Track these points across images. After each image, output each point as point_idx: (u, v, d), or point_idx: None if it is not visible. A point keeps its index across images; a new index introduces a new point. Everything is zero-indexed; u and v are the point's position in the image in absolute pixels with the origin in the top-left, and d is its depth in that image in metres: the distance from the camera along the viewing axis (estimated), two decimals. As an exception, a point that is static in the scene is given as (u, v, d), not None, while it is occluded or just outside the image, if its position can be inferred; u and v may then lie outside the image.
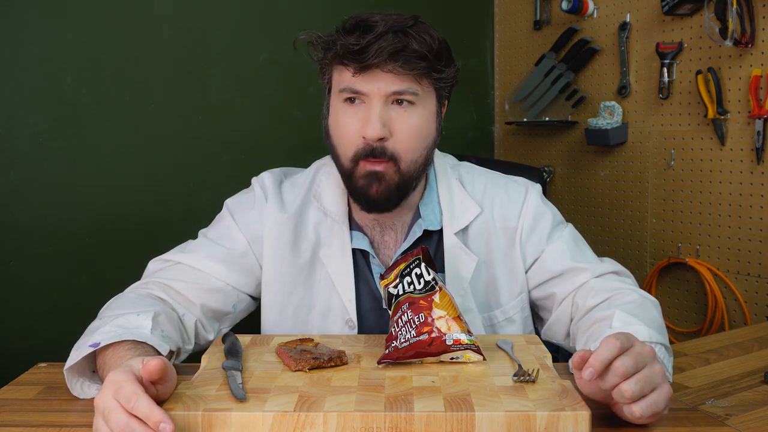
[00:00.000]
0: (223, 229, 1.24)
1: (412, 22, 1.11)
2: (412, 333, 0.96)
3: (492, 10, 2.75)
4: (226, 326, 1.23)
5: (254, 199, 1.25)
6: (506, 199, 1.27)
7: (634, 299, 1.12)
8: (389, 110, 1.12)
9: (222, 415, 0.80)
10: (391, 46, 1.07)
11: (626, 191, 2.30)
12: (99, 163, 1.97)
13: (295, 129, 2.28)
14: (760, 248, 1.92)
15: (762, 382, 1.04)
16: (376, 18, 1.10)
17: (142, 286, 1.17)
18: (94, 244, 1.96)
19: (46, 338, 1.89)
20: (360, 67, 1.09)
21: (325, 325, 1.22)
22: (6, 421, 0.90)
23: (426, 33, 1.11)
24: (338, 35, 1.11)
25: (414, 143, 1.14)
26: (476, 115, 2.75)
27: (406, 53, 1.09)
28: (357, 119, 1.12)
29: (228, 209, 1.26)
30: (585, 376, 0.81)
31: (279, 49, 2.23)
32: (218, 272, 1.19)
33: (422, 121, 1.14)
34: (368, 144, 1.11)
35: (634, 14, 2.21)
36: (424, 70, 1.11)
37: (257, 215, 1.23)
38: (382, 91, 1.10)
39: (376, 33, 1.08)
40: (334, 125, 1.16)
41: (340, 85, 1.13)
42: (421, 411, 0.80)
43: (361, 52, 1.08)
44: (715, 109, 1.97)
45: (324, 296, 1.21)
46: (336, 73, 1.15)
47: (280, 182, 1.28)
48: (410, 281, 1.01)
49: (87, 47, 1.93)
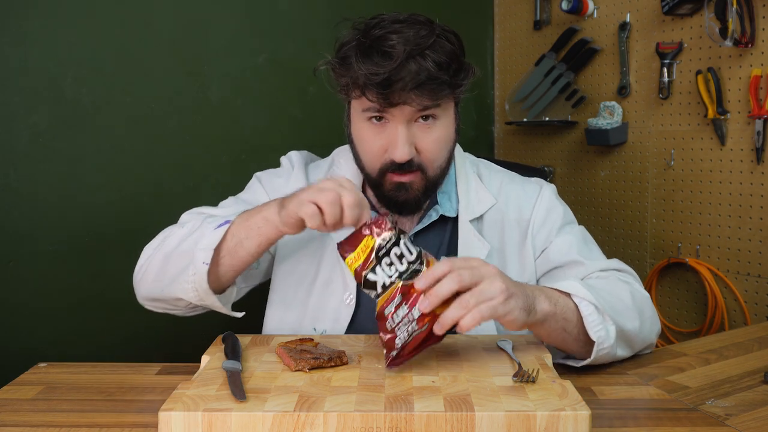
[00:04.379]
0: (251, 193, 1.31)
1: (430, 40, 1.09)
2: (413, 326, 0.92)
3: (492, 10, 2.75)
4: (247, 284, 1.28)
5: (282, 170, 1.33)
6: (522, 194, 1.31)
7: (615, 279, 1.17)
8: (414, 128, 1.14)
9: (222, 415, 0.80)
10: (415, 80, 1.07)
11: (626, 191, 2.30)
12: (99, 163, 1.97)
13: (295, 129, 2.28)
14: (760, 248, 1.92)
15: (762, 382, 1.04)
16: (393, 40, 1.08)
17: (178, 228, 1.20)
18: (94, 244, 1.96)
19: (46, 338, 1.89)
20: (386, 103, 1.09)
21: (323, 297, 1.24)
22: (6, 421, 0.90)
23: (444, 51, 1.10)
24: (357, 63, 1.09)
25: (439, 153, 1.18)
26: (476, 115, 2.75)
27: (431, 84, 1.09)
28: (382, 138, 1.15)
29: (257, 178, 1.34)
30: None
31: (279, 49, 2.23)
32: None
33: (445, 131, 1.18)
34: (394, 162, 1.14)
35: (634, 14, 2.21)
36: (447, 95, 1.14)
37: (285, 183, 1.29)
38: (406, 114, 1.12)
39: (396, 60, 1.06)
40: (357, 138, 1.20)
41: (362, 105, 1.14)
42: (421, 411, 0.80)
43: (384, 85, 1.07)
44: (715, 109, 1.97)
45: (327, 269, 1.25)
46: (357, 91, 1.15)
47: (307, 161, 1.35)
48: (390, 262, 0.94)
49: (87, 47, 1.93)
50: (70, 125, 1.92)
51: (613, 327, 1.04)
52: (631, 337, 1.10)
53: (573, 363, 1.09)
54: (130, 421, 0.90)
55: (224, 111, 2.16)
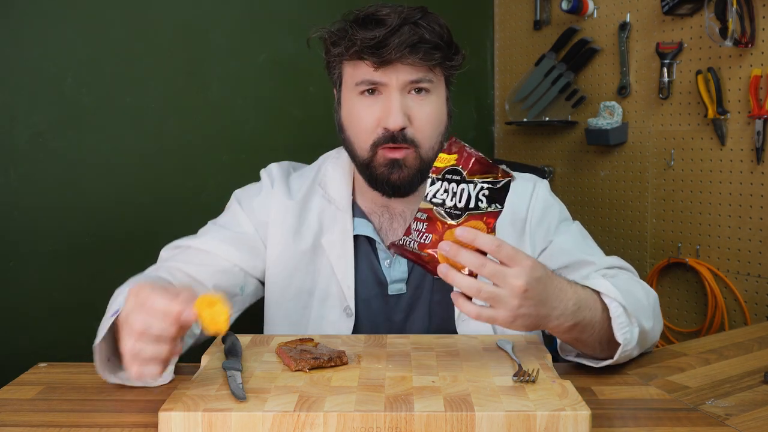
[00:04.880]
0: (230, 216, 1.28)
1: (421, 14, 1.14)
2: (418, 243, 0.93)
3: (492, 10, 2.75)
4: (235, 310, 1.24)
5: (261, 187, 1.29)
6: (514, 191, 1.28)
7: (627, 278, 1.16)
8: (407, 99, 1.16)
9: (222, 415, 0.80)
10: (410, 40, 1.11)
11: (626, 191, 2.30)
12: (99, 163, 1.96)
13: (295, 129, 2.28)
14: (760, 248, 1.92)
15: (762, 382, 1.04)
16: (386, 11, 1.13)
17: (154, 271, 1.21)
18: (94, 244, 1.96)
19: (46, 338, 1.89)
20: (380, 62, 1.12)
21: (323, 311, 1.23)
22: (6, 421, 0.90)
23: (436, 23, 1.15)
24: (352, 30, 1.13)
25: (432, 129, 1.18)
26: (476, 115, 2.75)
27: (424, 45, 1.12)
28: (375, 110, 1.16)
29: (235, 198, 1.30)
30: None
31: (279, 49, 2.23)
32: (226, 252, 1.22)
33: (437, 108, 1.19)
34: (388, 131, 1.15)
35: (634, 14, 2.21)
36: (439, 60, 1.16)
37: (263, 202, 1.27)
38: (401, 82, 1.14)
39: (390, 26, 1.11)
40: (348, 117, 1.20)
41: (356, 79, 1.16)
42: (421, 411, 0.80)
43: (379, 46, 1.11)
44: (715, 109, 1.97)
45: (324, 282, 1.24)
46: (349, 67, 1.18)
47: (288, 172, 1.32)
48: (446, 189, 0.92)
49: (87, 47, 1.93)
50: (70, 125, 1.92)
51: (637, 329, 1.03)
52: (646, 337, 1.09)
53: (592, 363, 1.06)
54: (130, 421, 0.90)
55: (224, 111, 2.16)
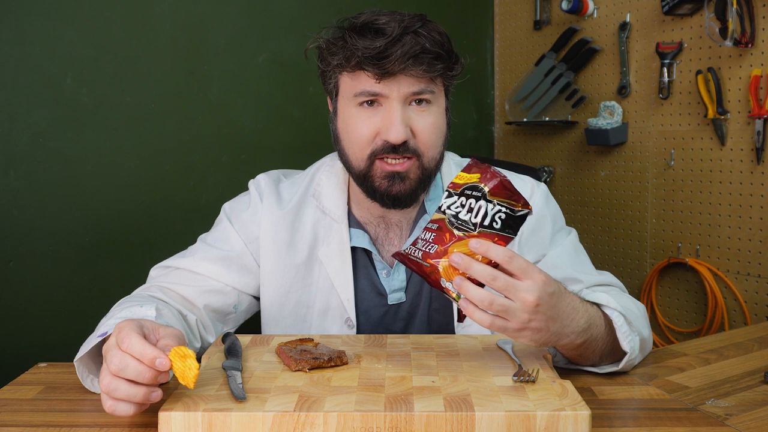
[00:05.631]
0: (220, 232, 1.24)
1: (421, 22, 1.10)
2: (422, 253, 0.92)
3: (492, 10, 2.75)
4: (230, 327, 1.23)
5: (249, 200, 1.25)
6: None
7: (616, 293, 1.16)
8: (408, 111, 1.12)
9: (222, 415, 0.80)
10: (412, 50, 1.07)
11: (626, 191, 2.30)
12: (99, 163, 1.97)
13: (295, 129, 2.28)
14: (760, 248, 1.92)
15: (762, 382, 1.04)
16: (385, 19, 1.09)
17: (144, 290, 1.18)
18: (94, 244, 1.96)
19: (46, 338, 1.89)
20: (383, 73, 1.08)
21: (324, 324, 1.22)
22: (6, 421, 0.90)
23: (436, 31, 1.11)
24: (351, 39, 1.09)
25: (434, 140, 1.15)
26: (476, 115, 2.75)
27: (426, 56, 1.08)
28: (375, 121, 1.11)
29: (225, 213, 1.26)
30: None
31: (279, 49, 2.23)
32: (216, 273, 1.19)
33: (438, 118, 1.15)
34: (387, 143, 1.11)
35: (634, 14, 2.21)
36: (441, 71, 1.12)
37: (252, 216, 1.23)
38: (402, 93, 1.10)
39: (391, 36, 1.06)
40: (345, 128, 1.15)
41: (355, 90, 1.12)
42: (421, 411, 0.80)
43: (381, 57, 1.06)
44: (715, 109, 1.97)
45: (323, 295, 1.21)
46: (348, 77, 1.13)
47: (277, 182, 1.28)
48: (462, 204, 0.90)
49: (87, 47, 1.93)
50: (70, 125, 1.92)
51: (637, 337, 1.04)
52: (645, 345, 1.10)
53: (597, 369, 1.06)
54: (129, 421, 0.90)
55: (224, 111, 2.16)
